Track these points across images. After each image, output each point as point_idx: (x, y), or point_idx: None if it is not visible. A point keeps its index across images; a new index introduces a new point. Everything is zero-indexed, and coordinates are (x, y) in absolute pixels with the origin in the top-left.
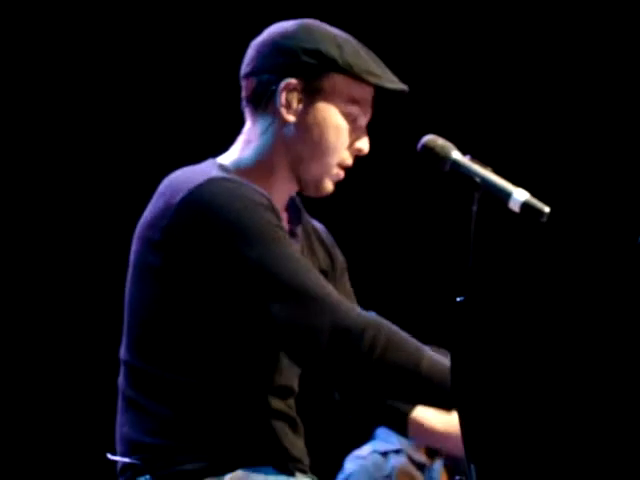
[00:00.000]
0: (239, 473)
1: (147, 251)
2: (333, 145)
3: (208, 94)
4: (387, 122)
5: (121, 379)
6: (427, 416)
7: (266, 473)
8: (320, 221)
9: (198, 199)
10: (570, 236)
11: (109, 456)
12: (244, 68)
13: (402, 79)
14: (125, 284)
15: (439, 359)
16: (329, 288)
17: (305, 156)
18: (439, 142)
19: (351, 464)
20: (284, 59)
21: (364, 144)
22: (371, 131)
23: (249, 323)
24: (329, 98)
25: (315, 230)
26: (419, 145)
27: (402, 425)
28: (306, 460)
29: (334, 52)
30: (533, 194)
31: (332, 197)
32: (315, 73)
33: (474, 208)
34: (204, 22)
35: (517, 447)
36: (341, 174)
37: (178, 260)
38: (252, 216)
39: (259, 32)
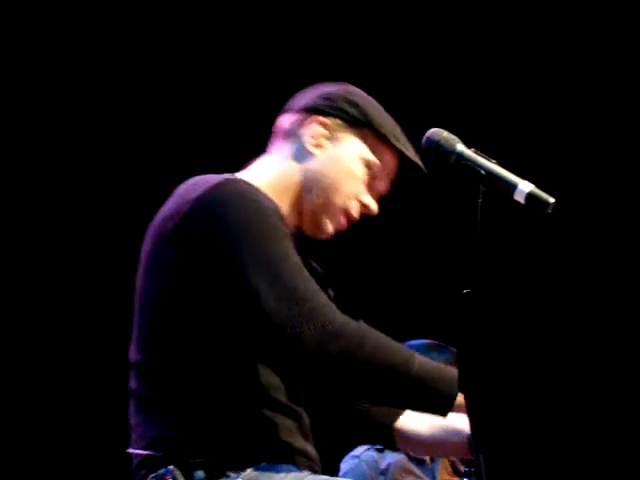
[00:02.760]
0: (251, 473)
1: (161, 245)
2: (344, 188)
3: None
4: (393, 116)
5: (132, 382)
6: (412, 424)
7: (279, 470)
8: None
9: (213, 196)
10: (575, 228)
11: (130, 450)
12: (285, 107)
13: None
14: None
15: (431, 362)
16: (323, 295)
17: (315, 189)
18: (444, 135)
19: (345, 464)
20: (323, 101)
21: (373, 203)
22: None
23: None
24: (355, 147)
25: (312, 268)
26: (424, 138)
27: (389, 438)
28: (316, 457)
29: (371, 111)
30: (538, 187)
31: None
32: (349, 120)
33: (479, 201)
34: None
35: (524, 436)
36: (343, 223)
37: (189, 254)
38: (259, 217)
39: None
